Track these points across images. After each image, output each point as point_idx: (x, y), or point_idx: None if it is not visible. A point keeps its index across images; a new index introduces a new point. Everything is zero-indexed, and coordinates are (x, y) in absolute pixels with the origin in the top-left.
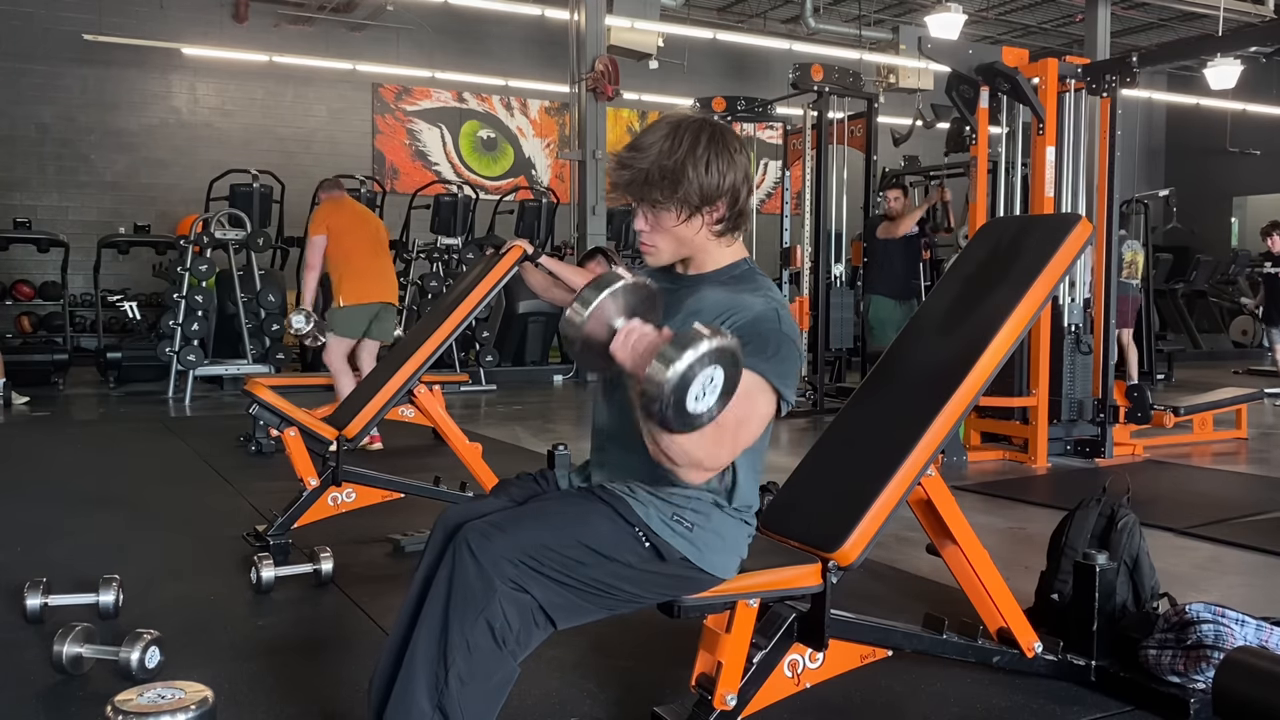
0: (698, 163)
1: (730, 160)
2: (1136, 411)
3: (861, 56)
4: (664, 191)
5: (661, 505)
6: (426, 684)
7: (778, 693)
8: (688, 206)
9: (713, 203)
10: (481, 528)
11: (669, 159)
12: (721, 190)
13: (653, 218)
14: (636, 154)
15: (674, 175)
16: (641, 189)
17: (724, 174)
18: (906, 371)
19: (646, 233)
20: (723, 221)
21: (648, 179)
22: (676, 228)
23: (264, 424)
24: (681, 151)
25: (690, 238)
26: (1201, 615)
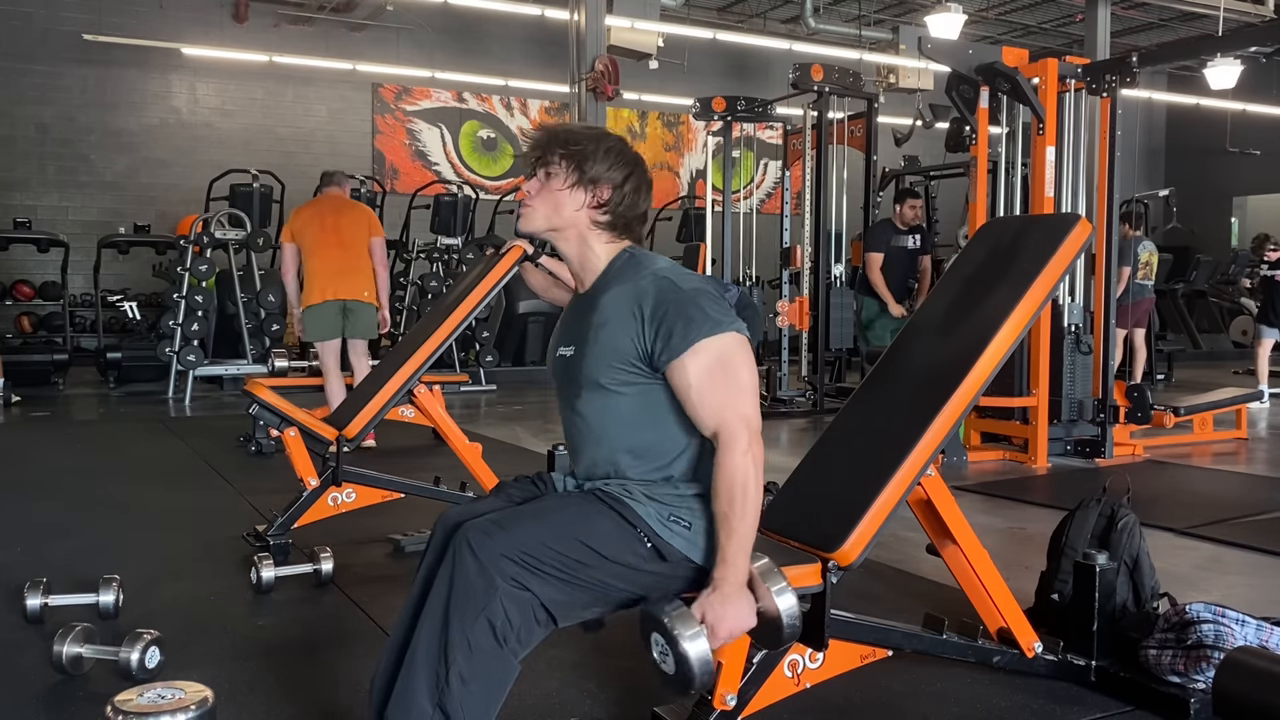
0: (600, 145)
1: (629, 164)
2: (1136, 411)
3: (861, 56)
4: (560, 154)
5: (659, 506)
6: (427, 683)
7: (778, 693)
8: (577, 173)
9: (599, 183)
10: (482, 525)
11: (579, 131)
12: (611, 176)
13: (543, 181)
14: (552, 126)
15: (575, 140)
16: (545, 146)
17: (618, 166)
18: (906, 371)
19: (530, 196)
20: (604, 209)
21: (554, 137)
22: (560, 192)
23: (264, 424)
24: (592, 133)
25: (569, 212)
26: (1201, 615)
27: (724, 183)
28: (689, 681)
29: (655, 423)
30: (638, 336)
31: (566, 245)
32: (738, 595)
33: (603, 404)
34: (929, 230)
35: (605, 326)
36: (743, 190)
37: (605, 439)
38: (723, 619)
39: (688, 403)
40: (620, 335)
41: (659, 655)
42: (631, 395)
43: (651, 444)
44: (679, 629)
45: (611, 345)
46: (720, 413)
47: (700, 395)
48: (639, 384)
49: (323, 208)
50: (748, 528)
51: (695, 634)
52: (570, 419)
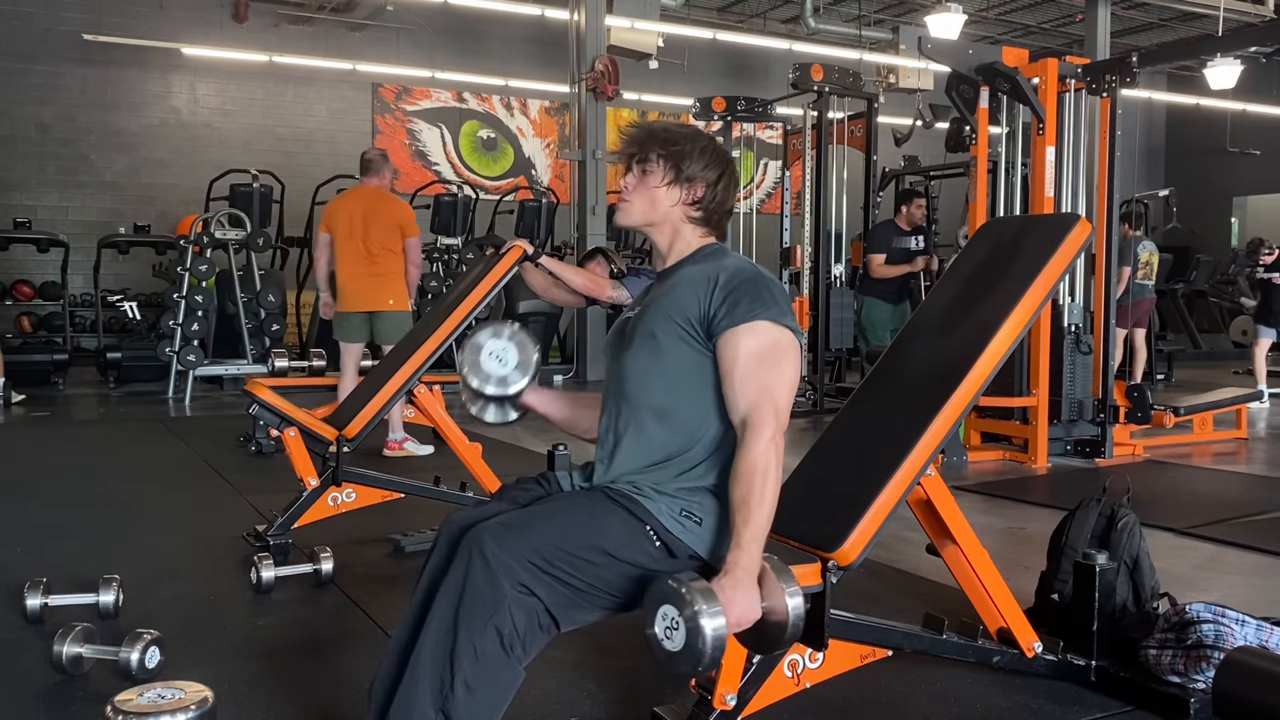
0: (695, 144)
1: (723, 163)
2: (1136, 411)
3: (861, 56)
4: (660, 149)
5: (670, 500)
6: (431, 689)
7: (778, 693)
8: (674, 171)
9: (694, 181)
10: (494, 529)
11: (675, 129)
12: (706, 175)
13: (640, 178)
14: (649, 124)
15: (673, 139)
16: (643, 144)
17: (712, 166)
18: (906, 371)
19: (628, 190)
20: (698, 205)
21: (651, 136)
22: (657, 189)
23: (264, 424)
24: (687, 133)
25: (665, 207)
26: (1201, 615)
27: None
28: (698, 658)
29: (690, 390)
30: (704, 298)
31: (660, 236)
32: (749, 583)
33: (649, 355)
34: (929, 230)
35: (678, 287)
36: (742, 190)
37: (639, 391)
38: (733, 603)
39: (729, 378)
40: (688, 295)
41: (664, 630)
42: (678, 354)
43: (679, 410)
44: (701, 603)
45: (677, 303)
46: (757, 395)
47: (744, 373)
48: (689, 345)
49: (353, 206)
50: (764, 516)
51: (716, 611)
52: (611, 374)
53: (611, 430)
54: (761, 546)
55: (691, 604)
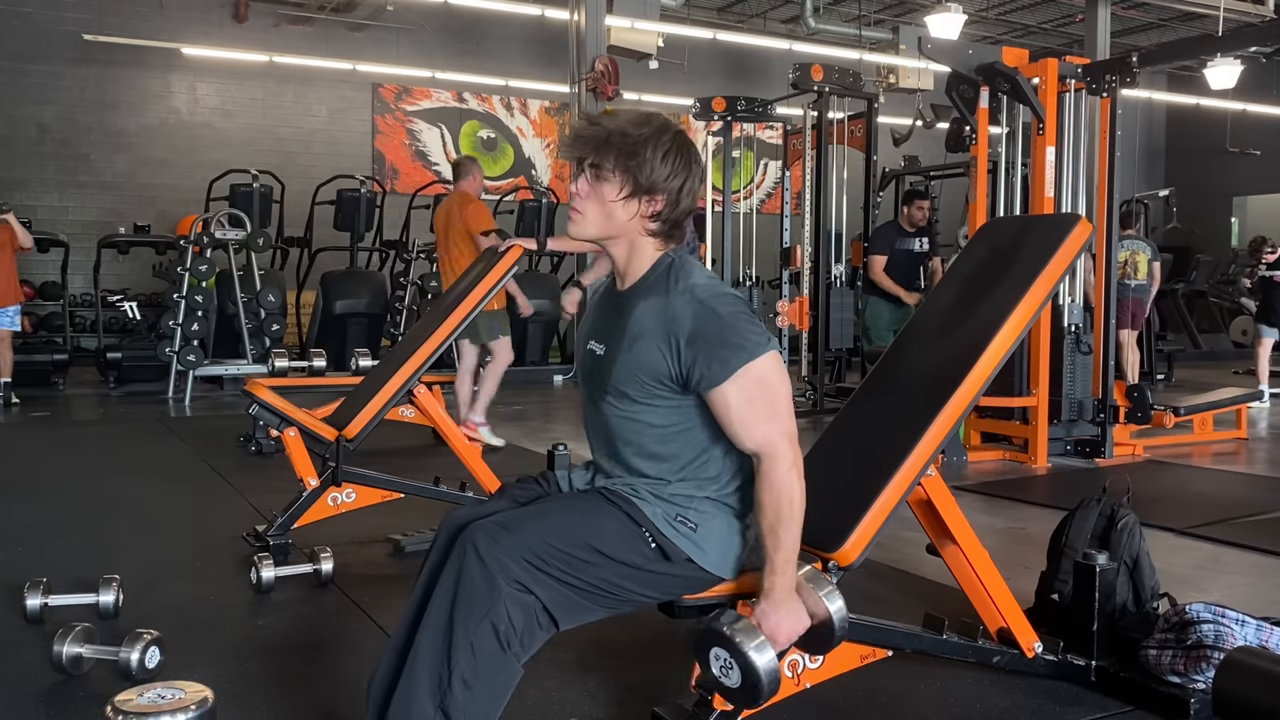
0: (658, 147)
1: (687, 164)
2: (1136, 411)
3: (861, 56)
4: (615, 160)
5: (666, 506)
6: (430, 686)
7: (778, 693)
8: (631, 184)
9: (654, 193)
10: (488, 528)
11: (635, 130)
12: (668, 185)
13: (594, 185)
14: (606, 118)
15: (631, 148)
16: (598, 149)
17: (676, 172)
18: (906, 372)
19: (580, 199)
20: (658, 219)
21: (608, 140)
22: (613, 202)
23: (264, 424)
24: (648, 131)
25: (622, 222)
26: (1201, 615)
27: (724, 183)
28: (758, 692)
29: (679, 433)
30: (672, 360)
31: (616, 249)
32: (790, 601)
33: (628, 411)
34: (933, 232)
35: (639, 340)
36: (743, 190)
37: (628, 443)
38: (780, 626)
39: (728, 423)
40: (654, 354)
41: (720, 670)
42: (659, 408)
43: (673, 452)
44: (744, 640)
45: (644, 362)
46: (763, 429)
47: (742, 418)
48: (668, 399)
49: (441, 211)
50: (794, 538)
51: (761, 644)
52: (593, 415)
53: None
54: (795, 565)
55: (739, 644)
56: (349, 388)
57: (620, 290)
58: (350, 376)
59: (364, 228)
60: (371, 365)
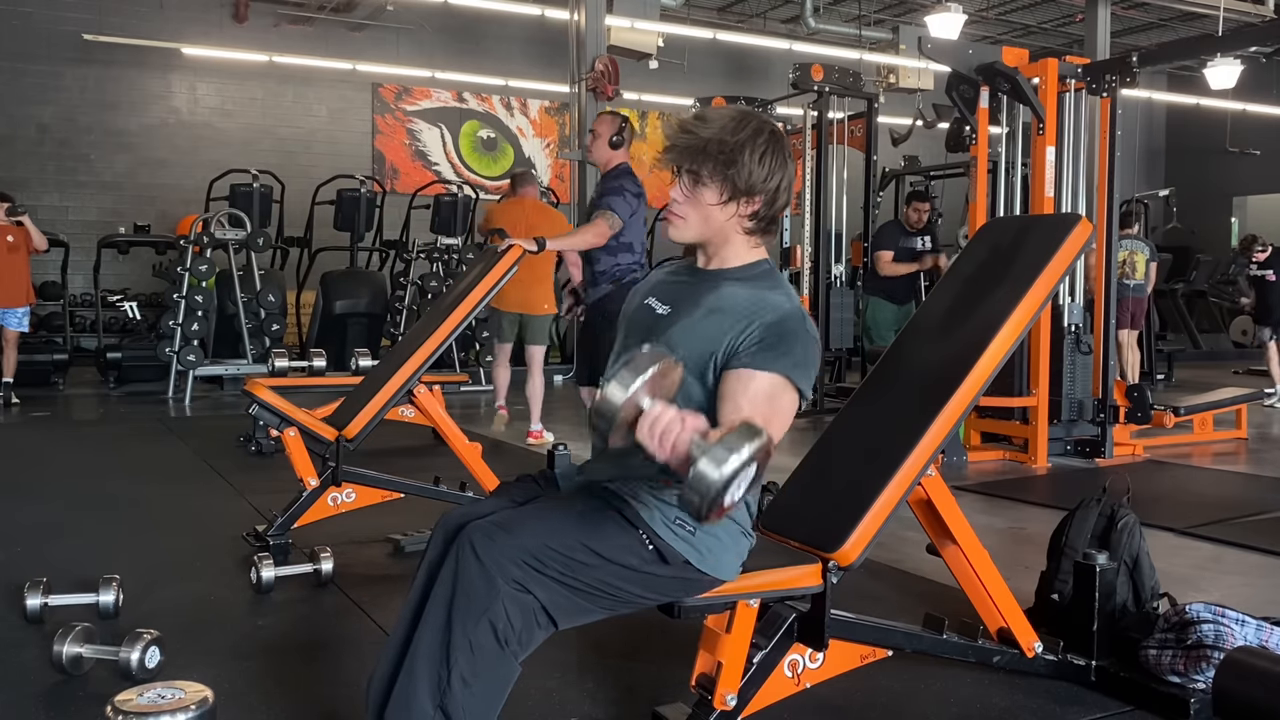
0: (755, 150)
1: (783, 163)
2: (1136, 411)
3: (861, 56)
4: (714, 167)
5: (664, 509)
6: (429, 684)
7: (778, 693)
8: (730, 189)
9: (753, 195)
10: (485, 527)
11: (731, 136)
12: (766, 186)
13: (692, 190)
14: (701, 124)
15: (729, 155)
16: (695, 157)
17: (774, 172)
18: (907, 371)
19: (680, 203)
20: (755, 218)
21: (705, 149)
22: (712, 207)
23: (264, 424)
24: (744, 135)
25: (720, 223)
26: (1201, 615)
27: None
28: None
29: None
30: (739, 334)
31: (711, 245)
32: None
33: None
34: (935, 232)
35: (718, 314)
36: None
37: None
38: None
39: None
40: (726, 328)
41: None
42: (694, 388)
43: None
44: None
45: (711, 334)
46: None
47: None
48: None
49: (517, 215)
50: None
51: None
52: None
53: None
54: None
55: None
56: (349, 388)
57: (704, 268)
58: (350, 376)
59: (364, 228)
60: (371, 365)
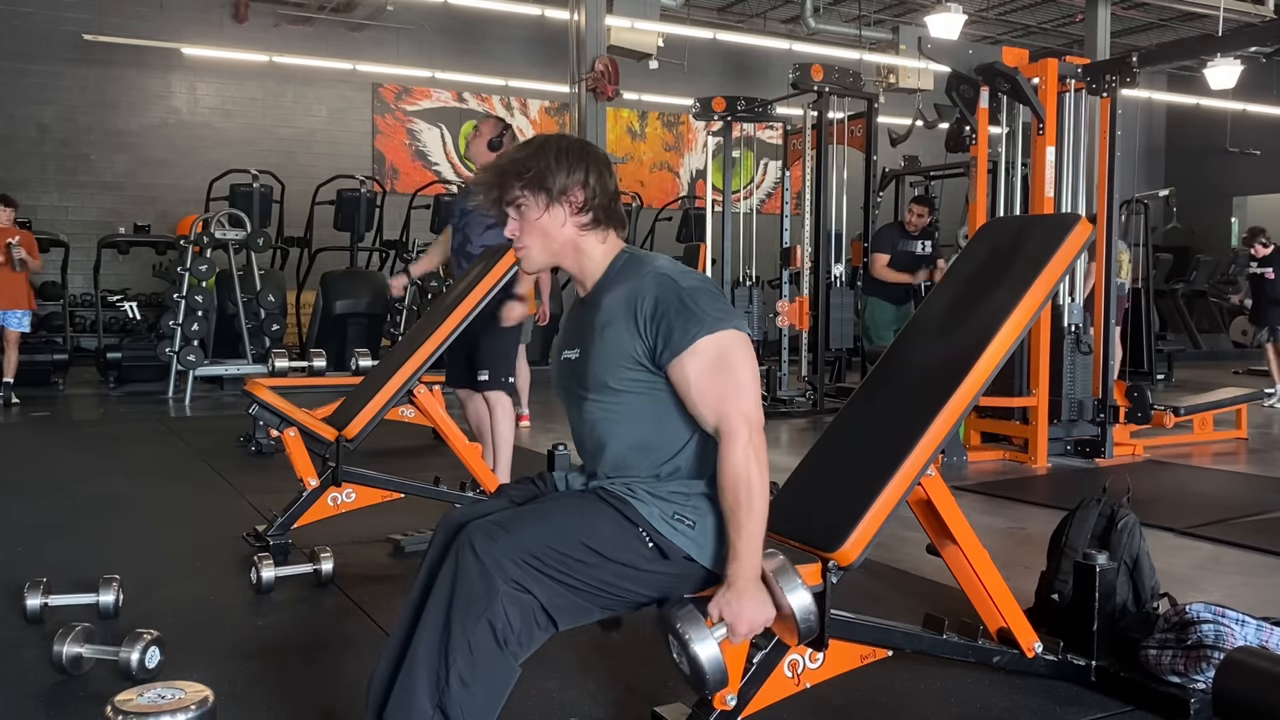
0: (547, 154)
1: (583, 155)
2: (1136, 411)
3: (861, 56)
4: (519, 182)
5: (663, 504)
6: (428, 684)
7: (778, 693)
8: (545, 194)
9: (567, 190)
10: (485, 527)
11: (521, 154)
12: (574, 178)
13: (519, 219)
14: (495, 163)
15: (525, 165)
16: (500, 184)
17: (574, 164)
18: (906, 371)
19: (518, 236)
20: (585, 209)
21: (503, 173)
22: (541, 220)
23: (264, 424)
24: (531, 150)
25: (557, 232)
26: (1201, 615)
27: (724, 183)
28: (701, 682)
29: (660, 420)
30: (641, 335)
31: (566, 262)
32: (753, 590)
33: (611, 403)
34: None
35: (609, 326)
36: (743, 190)
37: (614, 437)
38: (740, 615)
39: (688, 399)
40: (624, 334)
41: (676, 656)
42: (638, 393)
43: (657, 440)
44: (688, 631)
45: (616, 345)
46: (719, 408)
47: (700, 392)
48: (645, 382)
49: None
50: (756, 523)
51: (704, 636)
52: (578, 421)
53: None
54: (758, 552)
55: (683, 635)
56: (349, 388)
57: (583, 296)
58: (350, 376)
59: (364, 228)
60: (371, 365)
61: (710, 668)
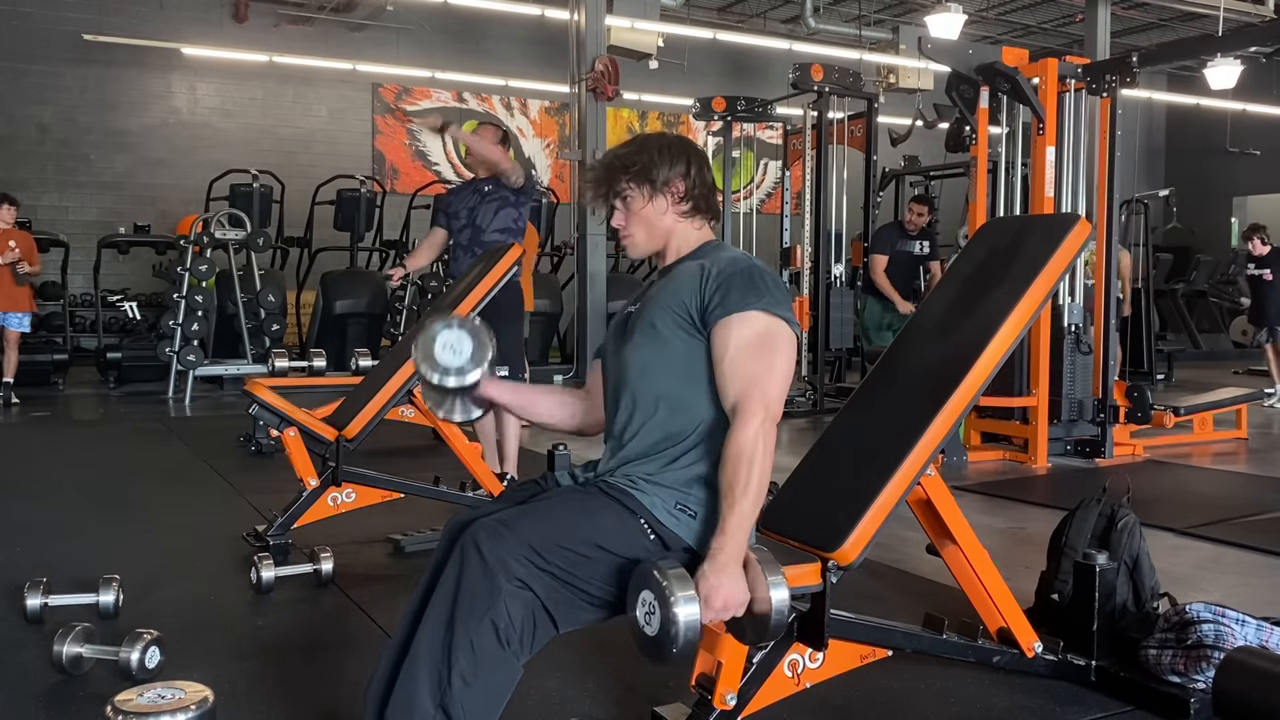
0: (650, 149)
1: (684, 148)
2: (1136, 411)
3: (861, 56)
4: (626, 175)
5: (665, 494)
6: (430, 683)
7: (778, 692)
8: (649, 184)
9: (669, 181)
10: (489, 526)
11: (625, 149)
12: (676, 170)
13: (624, 209)
14: (598, 163)
15: (631, 159)
16: (608, 178)
17: (675, 157)
18: (906, 371)
19: (623, 226)
20: (686, 199)
21: (609, 169)
22: (644, 209)
23: (264, 424)
24: (636, 143)
25: (659, 221)
26: (1201, 615)
27: (724, 183)
28: (669, 644)
29: (691, 377)
30: (698, 289)
31: (663, 244)
32: (733, 568)
33: (651, 346)
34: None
35: (677, 280)
36: (743, 190)
37: (644, 381)
38: (716, 589)
39: (719, 365)
40: (684, 287)
41: (644, 615)
42: (678, 343)
43: (682, 396)
44: (675, 589)
45: (674, 295)
46: (747, 384)
47: (734, 361)
48: (688, 335)
49: None
50: (749, 504)
51: (690, 597)
52: (613, 368)
53: (618, 423)
54: (747, 533)
55: (668, 592)
56: (349, 388)
57: (663, 266)
58: (350, 376)
59: (364, 228)
60: (371, 365)
61: (685, 630)
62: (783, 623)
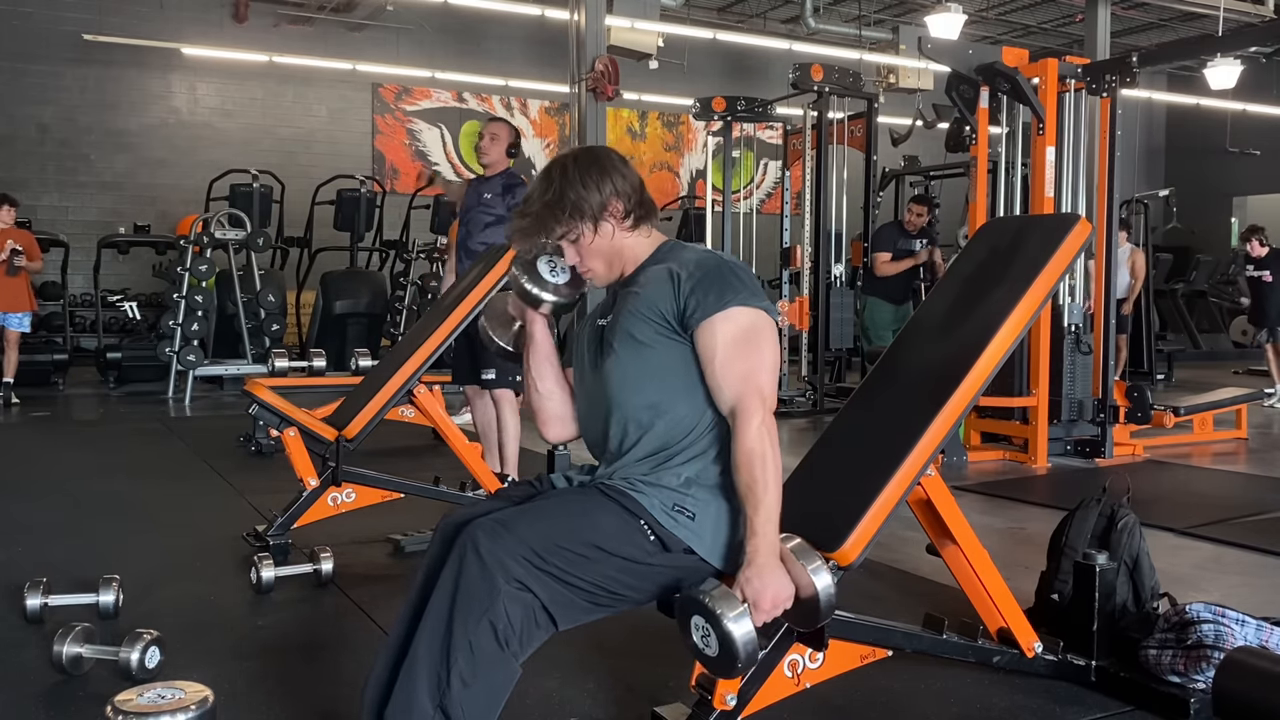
0: (572, 183)
1: (601, 167)
2: (1136, 411)
3: (861, 56)
4: (563, 219)
5: (664, 495)
6: (428, 684)
7: (778, 693)
8: (589, 220)
9: (606, 205)
10: (487, 526)
11: (548, 194)
12: (605, 192)
13: (573, 247)
14: (525, 207)
15: (558, 200)
16: (541, 227)
17: (599, 179)
18: (906, 371)
19: (579, 262)
20: (627, 215)
21: (540, 218)
22: (594, 243)
23: (264, 424)
24: (555, 182)
25: (610, 246)
26: (1201, 615)
27: (724, 183)
28: (734, 661)
29: (678, 383)
30: (673, 293)
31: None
32: (773, 566)
33: (632, 357)
34: (933, 234)
35: (647, 287)
36: (743, 190)
37: (628, 394)
38: (763, 591)
39: (710, 367)
40: (656, 293)
41: (700, 639)
42: (662, 350)
43: (671, 404)
44: (721, 608)
45: (649, 303)
46: (740, 384)
47: (724, 361)
48: (668, 340)
49: None
50: (772, 499)
51: (739, 613)
52: (591, 383)
53: (612, 441)
54: (776, 527)
55: (717, 612)
56: (349, 388)
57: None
58: (350, 376)
59: (364, 228)
60: (371, 365)
61: (744, 645)
62: (832, 602)
